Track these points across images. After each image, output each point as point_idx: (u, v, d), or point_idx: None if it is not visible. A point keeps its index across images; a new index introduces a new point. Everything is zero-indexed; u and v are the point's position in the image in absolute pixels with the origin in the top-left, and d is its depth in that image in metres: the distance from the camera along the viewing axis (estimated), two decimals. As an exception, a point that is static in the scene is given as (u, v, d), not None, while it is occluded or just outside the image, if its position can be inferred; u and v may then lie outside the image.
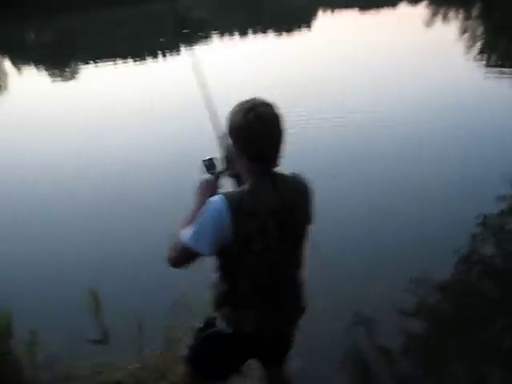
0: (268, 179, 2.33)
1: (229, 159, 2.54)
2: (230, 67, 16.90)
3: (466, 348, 4.40)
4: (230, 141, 2.36)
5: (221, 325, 2.55)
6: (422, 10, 30.10)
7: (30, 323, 3.97)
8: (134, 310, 4.31)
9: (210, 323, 2.63)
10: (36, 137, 10.94)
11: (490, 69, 14.07)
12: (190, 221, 2.37)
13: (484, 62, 15.44)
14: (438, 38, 19.63)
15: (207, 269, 2.53)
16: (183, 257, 2.36)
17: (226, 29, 29.35)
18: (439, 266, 5.44)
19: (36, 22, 38.59)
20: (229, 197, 2.26)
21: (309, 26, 28.73)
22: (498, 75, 13.04)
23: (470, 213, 6.43)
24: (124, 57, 21.02)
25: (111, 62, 21.27)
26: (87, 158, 9.25)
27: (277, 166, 2.36)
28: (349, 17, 31.30)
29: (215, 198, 2.27)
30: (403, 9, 32.47)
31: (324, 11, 34.92)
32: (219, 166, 2.61)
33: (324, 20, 31.45)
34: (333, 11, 34.93)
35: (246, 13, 37.17)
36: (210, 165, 2.61)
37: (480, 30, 22.14)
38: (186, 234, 2.31)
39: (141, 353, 3.95)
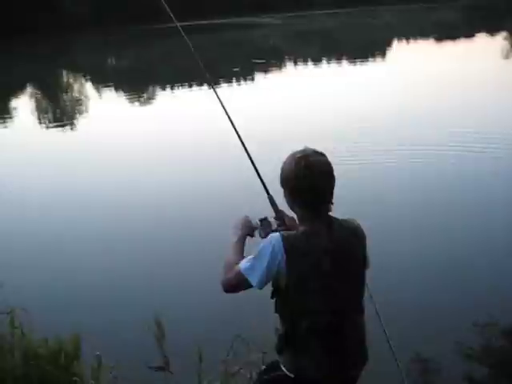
0: (323, 222, 2.43)
1: (280, 217, 2.76)
2: (301, 98, 17.03)
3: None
4: (284, 192, 2.50)
5: (283, 369, 2.56)
6: (500, 42, 29.48)
7: (97, 346, 4.15)
8: (196, 340, 4.41)
9: (273, 366, 2.65)
10: (106, 162, 11.44)
11: None
12: (236, 251, 2.61)
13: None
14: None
15: (270, 308, 2.58)
16: (235, 282, 2.51)
17: (299, 57, 29.71)
18: (506, 311, 5.26)
19: (116, 48, 40.19)
20: (286, 236, 2.39)
21: (383, 56, 28.65)
22: None
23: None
24: (199, 84, 21.56)
25: (186, 89, 21.94)
26: (153, 187, 9.55)
27: (329, 211, 2.47)
28: (424, 47, 30.97)
29: (274, 235, 2.41)
30: (480, 39, 31.87)
31: (399, 42, 34.76)
32: (273, 223, 2.78)
33: (400, 50, 31.25)
34: (408, 42, 34.73)
35: (320, 43, 37.47)
36: (265, 223, 2.77)
37: None
38: (243, 263, 2.45)
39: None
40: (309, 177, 2.35)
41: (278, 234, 2.42)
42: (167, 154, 11.69)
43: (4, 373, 3.70)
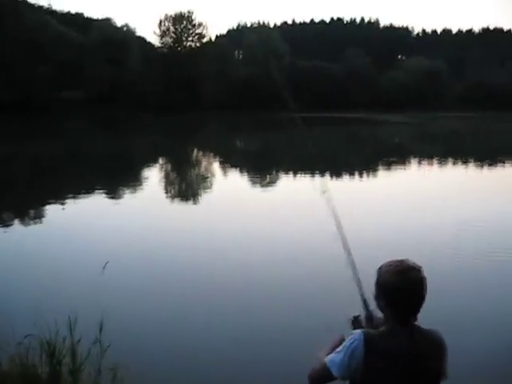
0: (406, 328, 2.64)
1: (370, 317, 2.96)
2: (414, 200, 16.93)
3: None
4: (375, 292, 2.74)
5: None
6: None
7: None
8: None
9: None
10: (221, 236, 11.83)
11: None
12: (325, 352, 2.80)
13: None
14: None
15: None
16: (319, 373, 2.73)
17: (423, 156, 29.66)
18: None
19: (244, 132, 42.17)
20: (367, 334, 2.64)
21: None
22: None
23: None
24: (319, 172, 21.97)
25: (307, 176, 22.56)
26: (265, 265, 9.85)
27: (415, 320, 2.69)
28: None
29: (357, 332, 2.66)
30: None
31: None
32: (363, 321, 2.99)
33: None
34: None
35: (445, 145, 37.12)
36: (355, 321, 3.00)
37: None
38: (330, 355, 2.70)
39: None
40: (407, 291, 2.60)
41: (360, 331, 2.67)
42: (274, 242, 11.85)
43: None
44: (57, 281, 8.63)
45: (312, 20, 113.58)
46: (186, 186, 22.46)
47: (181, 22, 76.29)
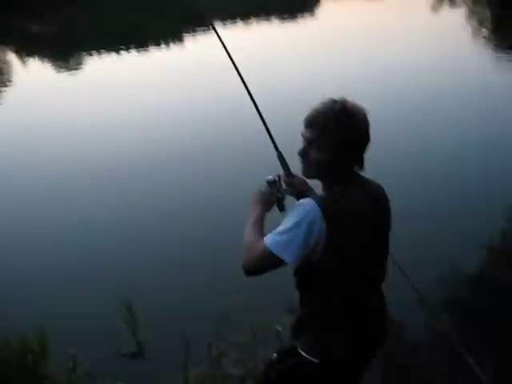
0: (357, 184, 2.15)
1: (291, 180, 2.45)
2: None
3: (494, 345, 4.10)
4: (311, 135, 2.08)
5: (303, 354, 2.19)
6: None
7: (65, 341, 3.76)
8: (176, 323, 4.10)
9: (287, 353, 2.28)
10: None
11: (499, 53, 13.98)
12: (257, 229, 2.20)
13: (493, 46, 15.15)
14: (445, 23, 19.28)
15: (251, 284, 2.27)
16: (263, 263, 2.10)
17: (227, 18, 29.11)
18: (469, 260, 5.16)
19: (39, 13, 38.26)
20: (322, 202, 2.03)
21: (312, 14, 28.52)
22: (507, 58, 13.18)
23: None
24: (127, 47, 20.74)
25: (114, 53, 21.09)
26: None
27: (362, 169, 2.16)
28: (353, 3, 30.91)
29: (307, 203, 2.04)
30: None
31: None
32: (282, 185, 2.43)
33: (328, 7, 31.13)
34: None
35: (247, 2, 36.76)
36: (273, 185, 2.41)
37: (488, 14, 21.79)
38: (270, 238, 2.05)
39: (184, 371, 3.67)
40: (360, 133, 2.08)
41: (309, 199, 2.05)
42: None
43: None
44: None
45: None
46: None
47: None
